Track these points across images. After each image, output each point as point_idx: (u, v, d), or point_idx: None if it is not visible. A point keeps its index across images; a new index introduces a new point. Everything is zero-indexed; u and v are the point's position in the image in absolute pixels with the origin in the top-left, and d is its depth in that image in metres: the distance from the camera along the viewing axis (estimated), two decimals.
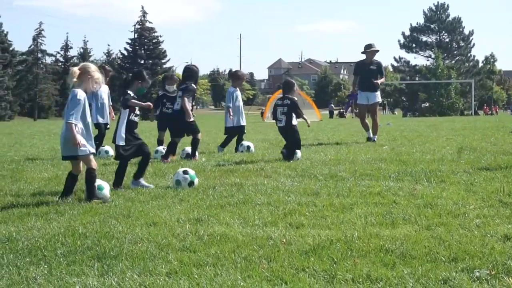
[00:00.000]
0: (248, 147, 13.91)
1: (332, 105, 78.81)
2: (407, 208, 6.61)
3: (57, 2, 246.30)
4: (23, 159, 13.20)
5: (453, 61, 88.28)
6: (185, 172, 8.59)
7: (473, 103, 71.27)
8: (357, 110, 20.32)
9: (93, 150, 7.85)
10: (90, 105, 9.13)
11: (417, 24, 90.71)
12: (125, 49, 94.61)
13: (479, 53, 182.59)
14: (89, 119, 7.84)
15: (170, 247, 5.24)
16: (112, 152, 12.89)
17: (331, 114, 66.89)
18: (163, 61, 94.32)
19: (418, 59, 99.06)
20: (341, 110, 67.69)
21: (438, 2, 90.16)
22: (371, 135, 16.10)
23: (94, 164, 7.81)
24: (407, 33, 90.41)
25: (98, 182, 7.90)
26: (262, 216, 6.40)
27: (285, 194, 7.71)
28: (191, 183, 8.50)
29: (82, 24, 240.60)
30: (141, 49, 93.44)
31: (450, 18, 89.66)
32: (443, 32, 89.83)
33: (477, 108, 77.76)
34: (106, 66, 14.96)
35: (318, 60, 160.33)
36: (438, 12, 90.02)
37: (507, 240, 5.18)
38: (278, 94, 15.58)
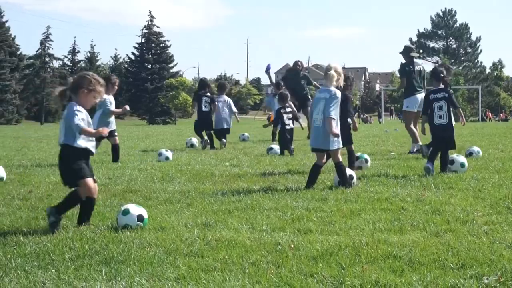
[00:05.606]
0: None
1: None
2: (415, 215, 6.59)
3: (65, 6, 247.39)
4: (31, 163, 13.22)
5: (460, 67, 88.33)
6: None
7: (480, 109, 71.11)
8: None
9: (341, 146, 8.82)
10: None
11: (424, 30, 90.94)
12: (132, 53, 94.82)
13: (486, 59, 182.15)
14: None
15: (178, 252, 5.24)
16: None
17: None
18: (170, 65, 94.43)
19: (425, 65, 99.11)
20: None
21: (445, 8, 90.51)
22: None
23: (340, 157, 8.72)
24: (414, 39, 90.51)
25: (352, 172, 8.90)
26: (270, 222, 6.39)
27: (293, 199, 7.71)
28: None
29: (89, 28, 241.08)
30: (148, 53, 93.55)
31: (457, 24, 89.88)
32: (451, 38, 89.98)
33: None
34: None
35: (325, 65, 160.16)
36: (446, 18, 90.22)
37: None
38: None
